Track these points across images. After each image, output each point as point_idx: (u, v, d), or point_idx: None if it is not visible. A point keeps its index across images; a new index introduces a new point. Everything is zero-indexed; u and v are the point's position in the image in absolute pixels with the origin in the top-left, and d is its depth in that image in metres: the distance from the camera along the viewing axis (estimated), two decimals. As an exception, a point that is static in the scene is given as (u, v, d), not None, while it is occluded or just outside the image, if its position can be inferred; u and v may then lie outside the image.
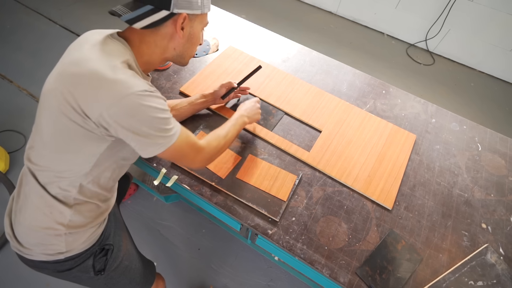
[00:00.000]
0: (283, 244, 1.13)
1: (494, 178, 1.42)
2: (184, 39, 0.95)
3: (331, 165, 1.34)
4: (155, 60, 0.96)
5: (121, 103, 0.77)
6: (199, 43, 1.02)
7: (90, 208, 0.96)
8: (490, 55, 3.36)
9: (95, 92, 0.77)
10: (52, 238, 0.92)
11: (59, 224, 0.91)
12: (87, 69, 0.79)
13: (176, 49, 0.96)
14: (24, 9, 3.30)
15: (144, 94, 0.80)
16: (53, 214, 0.90)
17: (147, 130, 0.81)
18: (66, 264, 0.97)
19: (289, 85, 1.61)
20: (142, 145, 0.84)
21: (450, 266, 1.15)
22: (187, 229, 2.06)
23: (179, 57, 1.00)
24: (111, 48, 0.85)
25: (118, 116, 0.78)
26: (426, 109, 1.66)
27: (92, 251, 1.01)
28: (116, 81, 0.77)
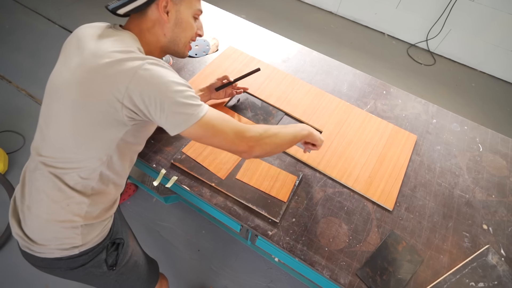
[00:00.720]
0: (283, 245, 1.13)
1: (495, 179, 1.42)
2: (171, 24, 0.95)
3: (331, 166, 1.35)
4: (154, 50, 0.98)
5: (137, 76, 0.79)
6: (192, 30, 1.01)
7: (104, 200, 0.97)
8: (492, 55, 3.37)
9: (118, 75, 0.79)
10: (68, 231, 0.93)
11: (76, 216, 0.92)
12: (106, 59, 0.81)
13: (166, 35, 0.96)
14: (23, 9, 3.31)
15: (155, 64, 0.82)
16: (70, 206, 0.91)
17: (169, 97, 0.80)
18: (80, 259, 0.97)
19: (289, 85, 1.62)
20: (167, 118, 0.83)
21: (451, 267, 1.15)
22: (186, 230, 2.06)
23: (172, 44, 0.99)
24: (123, 37, 0.88)
25: (138, 90, 0.79)
26: (427, 109, 1.66)
27: (104, 245, 1.02)
28: (131, 58, 0.80)
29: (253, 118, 1.46)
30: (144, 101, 0.80)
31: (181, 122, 0.83)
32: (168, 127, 0.85)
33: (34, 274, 1.75)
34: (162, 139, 1.33)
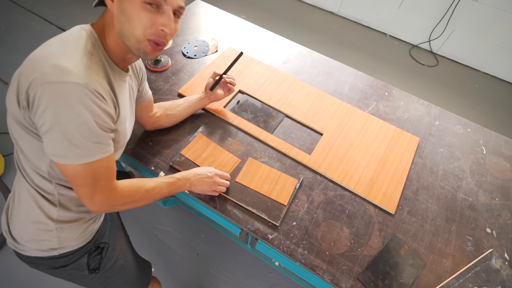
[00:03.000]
0: (283, 249, 1.13)
1: (499, 181, 1.43)
2: (116, 11, 0.80)
3: (332, 168, 1.35)
4: (118, 46, 0.86)
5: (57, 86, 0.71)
6: (141, 22, 0.80)
7: (77, 203, 0.95)
8: (495, 56, 3.37)
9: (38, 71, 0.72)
10: (44, 234, 0.93)
11: (48, 219, 0.92)
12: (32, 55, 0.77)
13: (116, 26, 0.82)
14: (19, 9, 3.32)
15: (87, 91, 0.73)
16: (41, 207, 0.91)
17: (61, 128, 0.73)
18: (60, 260, 0.98)
19: (290, 87, 1.62)
20: (49, 142, 0.76)
21: (454, 271, 1.15)
22: (185, 233, 2.06)
23: (124, 39, 0.83)
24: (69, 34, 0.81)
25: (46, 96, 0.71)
26: (430, 111, 1.66)
27: (87, 249, 1.02)
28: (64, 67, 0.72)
29: (253, 120, 1.47)
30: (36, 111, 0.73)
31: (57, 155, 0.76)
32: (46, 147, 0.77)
33: (31, 277, 1.76)
34: (160, 141, 1.33)
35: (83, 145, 0.76)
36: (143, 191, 0.98)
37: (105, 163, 0.83)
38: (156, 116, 1.28)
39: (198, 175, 1.14)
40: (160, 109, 1.30)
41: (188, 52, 1.70)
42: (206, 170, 1.18)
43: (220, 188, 1.19)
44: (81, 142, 0.75)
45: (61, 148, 0.75)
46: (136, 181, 0.98)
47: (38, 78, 0.71)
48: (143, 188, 0.98)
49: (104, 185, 0.85)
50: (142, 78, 1.13)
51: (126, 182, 0.94)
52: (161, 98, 1.47)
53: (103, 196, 0.86)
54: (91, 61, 0.79)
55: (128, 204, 0.95)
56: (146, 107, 1.22)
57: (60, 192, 0.91)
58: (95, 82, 0.76)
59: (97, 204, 0.86)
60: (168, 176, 1.09)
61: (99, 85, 0.77)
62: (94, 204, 0.86)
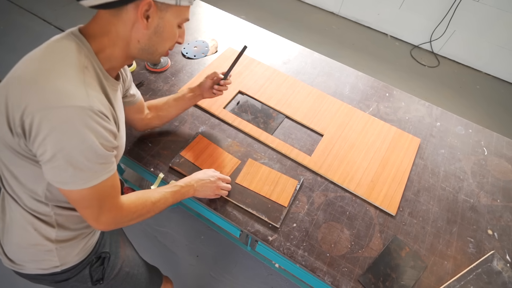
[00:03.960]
0: (283, 251, 1.13)
1: (501, 183, 1.43)
2: (149, 31, 0.80)
3: (333, 169, 1.35)
4: (119, 55, 0.83)
5: (56, 111, 0.67)
6: (174, 40, 0.87)
7: (75, 221, 0.93)
8: (497, 56, 3.38)
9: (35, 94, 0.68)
10: (44, 254, 0.91)
11: (46, 240, 0.90)
12: (19, 72, 0.72)
13: (141, 41, 0.81)
14: (18, 9, 3.32)
15: (87, 114, 0.69)
16: (38, 230, 0.88)
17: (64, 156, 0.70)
18: (62, 276, 0.97)
19: (290, 87, 1.62)
20: (50, 170, 0.73)
21: (455, 273, 1.15)
22: (185, 235, 2.06)
23: (145, 52, 0.84)
24: (58, 46, 0.75)
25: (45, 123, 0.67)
26: (431, 112, 1.66)
27: (88, 261, 1.01)
28: (60, 89, 0.68)
29: (253, 121, 1.47)
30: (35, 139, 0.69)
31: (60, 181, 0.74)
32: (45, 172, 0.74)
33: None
34: (160, 142, 1.34)
35: (88, 168, 0.73)
36: (149, 204, 0.97)
37: (110, 182, 0.80)
38: (148, 118, 1.25)
39: (201, 180, 1.14)
40: (152, 110, 1.26)
41: (188, 52, 1.71)
42: (208, 174, 1.17)
43: (222, 192, 1.19)
44: (86, 166, 0.73)
45: (66, 175, 0.72)
46: (141, 194, 0.97)
47: (34, 103, 0.67)
48: (149, 201, 0.97)
49: (110, 204, 0.84)
50: (129, 81, 1.09)
51: (131, 197, 0.93)
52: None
53: (110, 216, 0.85)
54: (87, 75, 0.74)
55: (135, 219, 0.93)
56: (137, 110, 1.19)
57: (57, 212, 0.88)
58: (97, 100, 0.73)
59: (104, 223, 0.85)
60: (171, 185, 1.08)
61: (101, 103, 0.74)
62: (101, 224, 0.84)
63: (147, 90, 1.50)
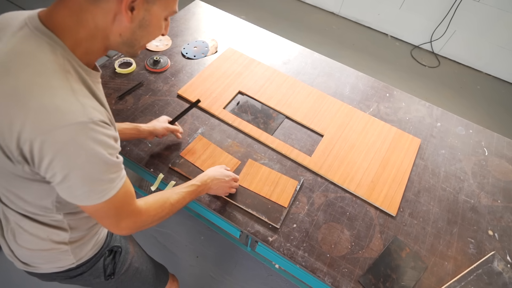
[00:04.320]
0: (284, 252, 1.13)
1: (501, 183, 1.43)
2: (133, 24, 0.71)
3: (333, 170, 1.35)
4: (98, 49, 0.74)
5: (53, 134, 0.62)
6: (159, 33, 0.79)
7: (86, 221, 0.93)
8: (497, 57, 3.38)
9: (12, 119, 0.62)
10: (59, 255, 0.92)
11: (60, 244, 0.90)
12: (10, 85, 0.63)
13: (123, 35, 0.72)
14: (16, 9, 3.32)
15: (86, 127, 0.64)
16: (51, 237, 0.88)
17: (76, 175, 0.66)
18: (78, 270, 0.98)
19: (290, 88, 1.63)
20: (65, 190, 0.70)
21: (456, 274, 1.15)
22: (185, 236, 2.06)
23: (125, 46, 0.76)
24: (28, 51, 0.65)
25: (46, 148, 0.62)
26: (431, 112, 1.67)
27: (102, 253, 1.02)
28: (52, 108, 0.62)
29: (253, 121, 1.47)
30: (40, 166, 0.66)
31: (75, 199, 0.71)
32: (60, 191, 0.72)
33: (25, 277, 1.75)
34: (159, 143, 1.34)
35: (103, 181, 0.70)
36: (168, 206, 0.95)
37: (124, 189, 0.76)
38: None
39: (216, 179, 1.14)
40: None
41: (188, 53, 1.71)
42: (224, 173, 1.17)
43: (232, 191, 1.22)
44: (101, 179, 0.70)
45: (82, 191, 0.69)
46: (160, 196, 0.94)
47: (27, 128, 0.61)
48: (167, 202, 0.95)
49: (128, 210, 0.81)
50: None
51: (149, 200, 0.90)
52: (160, 99, 1.48)
53: (130, 221, 0.82)
54: (72, 81, 0.66)
55: (156, 221, 0.91)
56: None
57: (69, 218, 0.87)
58: (92, 109, 0.66)
59: (125, 229, 0.83)
60: (187, 185, 1.07)
61: (97, 110, 0.67)
62: (123, 230, 0.83)
63: (146, 91, 1.50)
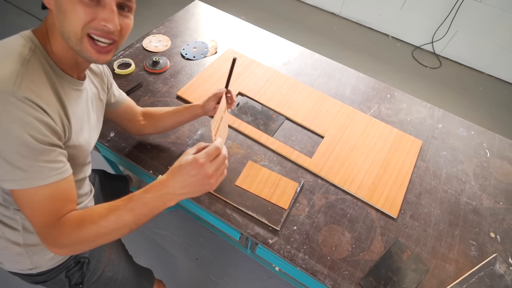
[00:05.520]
0: (284, 254, 1.13)
1: (503, 185, 1.43)
2: (55, 9, 0.71)
3: (334, 172, 1.35)
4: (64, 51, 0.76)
5: None
6: (77, 16, 0.69)
7: None
8: (499, 57, 3.38)
9: None
10: (16, 257, 0.92)
11: (14, 244, 0.89)
12: None
13: (57, 26, 0.72)
14: (15, 10, 3.33)
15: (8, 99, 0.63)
16: (5, 234, 0.88)
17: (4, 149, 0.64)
18: (39, 278, 0.98)
19: (290, 89, 1.63)
20: None
21: (458, 276, 1.15)
22: (184, 238, 2.07)
23: (63, 38, 0.73)
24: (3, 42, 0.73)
25: None
26: (433, 114, 1.67)
27: (65, 266, 1.00)
28: None
29: (253, 122, 1.47)
30: None
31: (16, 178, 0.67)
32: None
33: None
34: (159, 144, 1.34)
35: (28, 165, 0.66)
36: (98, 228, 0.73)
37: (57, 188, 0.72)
38: (141, 124, 1.22)
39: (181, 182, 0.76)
40: (147, 118, 1.22)
41: (187, 53, 1.71)
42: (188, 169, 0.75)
43: (217, 180, 0.79)
44: (25, 163, 0.66)
45: (4, 171, 0.66)
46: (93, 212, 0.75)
47: None
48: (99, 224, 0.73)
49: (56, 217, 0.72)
50: (109, 82, 1.04)
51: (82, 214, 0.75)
52: (159, 100, 1.48)
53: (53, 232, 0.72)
54: (27, 68, 0.68)
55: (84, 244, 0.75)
56: (123, 113, 1.14)
57: (22, 216, 0.84)
58: (28, 89, 0.66)
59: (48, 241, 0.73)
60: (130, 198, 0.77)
61: (34, 94, 0.66)
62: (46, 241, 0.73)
63: (146, 92, 1.51)
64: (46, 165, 0.69)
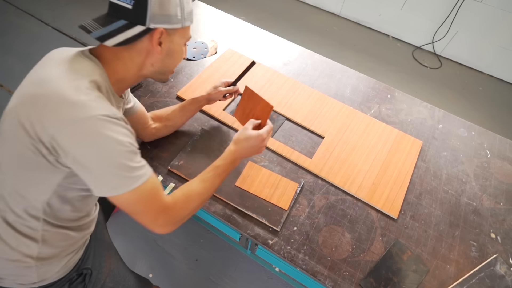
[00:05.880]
0: (284, 255, 1.13)
1: (504, 186, 1.43)
2: (162, 55, 0.90)
3: (334, 172, 1.35)
4: (130, 78, 0.91)
5: (76, 126, 0.71)
6: (182, 57, 0.98)
7: (61, 238, 0.91)
8: (500, 58, 3.38)
9: (50, 112, 0.72)
10: (23, 270, 0.89)
11: (27, 257, 0.88)
12: (47, 90, 0.75)
13: (154, 65, 0.91)
14: (14, 10, 3.33)
15: (106, 120, 0.73)
16: (20, 247, 0.86)
17: (102, 163, 0.74)
18: None
19: (291, 89, 1.63)
20: (94, 181, 0.76)
21: (458, 277, 1.15)
22: (184, 239, 2.06)
23: (158, 74, 0.95)
24: (79, 66, 0.81)
25: (70, 141, 0.72)
26: (433, 114, 1.67)
27: (68, 278, 0.98)
28: (75, 102, 0.72)
29: (253, 123, 1.47)
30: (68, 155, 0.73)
31: (102, 189, 0.77)
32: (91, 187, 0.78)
33: None
34: (158, 145, 1.34)
35: (127, 170, 0.76)
36: (196, 197, 0.94)
37: (152, 183, 0.82)
38: (153, 128, 1.27)
39: (248, 148, 1.06)
40: (157, 121, 1.28)
41: (187, 53, 1.71)
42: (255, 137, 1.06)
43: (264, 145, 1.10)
44: (125, 169, 0.75)
45: (108, 180, 0.76)
46: (186, 190, 0.94)
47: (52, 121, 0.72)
48: (194, 194, 0.94)
49: (159, 205, 0.84)
50: (127, 91, 1.11)
51: (177, 194, 0.91)
52: (159, 100, 1.48)
53: (164, 217, 0.85)
54: (101, 92, 0.80)
55: (189, 214, 0.93)
56: (137, 120, 1.19)
57: (45, 228, 0.87)
58: (110, 107, 0.77)
59: (163, 225, 0.86)
60: (213, 167, 1.02)
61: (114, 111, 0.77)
62: (161, 227, 0.86)
63: (145, 92, 1.51)
64: (139, 164, 0.79)
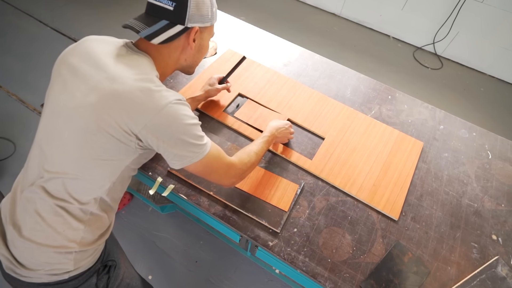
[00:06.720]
0: (284, 257, 1.13)
1: (505, 187, 1.43)
2: (194, 51, 1.04)
3: (334, 173, 1.36)
4: (167, 71, 1.04)
5: (161, 114, 0.84)
6: (207, 52, 1.12)
7: (100, 224, 0.98)
8: (501, 58, 3.39)
9: (139, 106, 0.84)
10: (61, 256, 0.91)
11: (71, 242, 0.91)
12: (126, 87, 0.85)
13: (187, 60, 1.05)
14: (13, 10, 3.33)
15: (179, 103, 0.87)
16: (66, 231, 0.91)
17: (183, 138, 0.88)
18: (68, 284, 0.96)
19: (291, 90, 1.63)
20: (176, 155, 0.90)
21: (459, 279, 1.15)
22: (184, 240, 2.07)
23: (188, 67, 1.09)
24: (141, 63, 0.93)
25: (158, 127, 0.85)
26: (434, 115, 1.67)
27: (95, 269, 1.00)
28: (156, 95, 0.85)
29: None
30: (158, 139, 0.87)
31: (186, 160, 0.91)
32: (172, 162, 0.93)
33: None
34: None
35: (199, 140, 0.92)
36: (253, 154, 1.13)
37: (215, 146, 0.99)
38: None
39: (279, 128, 1.33)
40: None
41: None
42: (283, 123, 1.36)
43: (291, 137, 1.41)
44: (197, 139, 0.91)
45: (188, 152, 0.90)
46: (246, 149, 1.14)
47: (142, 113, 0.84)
48: (252, 151, 1.14)
49: (226, 162, 1.02)
50: None
51: (239, 153, 1.11)
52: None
53: (233, 170, 1.04)
54: None
55: (249, 168, 1.11)
56: None
57: (93, 211, 0.95)
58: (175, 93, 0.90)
59: (234, 177, 1.05)
60: (262, 136, 1.25)
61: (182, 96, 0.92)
62: (231, 179, 1.05)
63: (145, 93, 1.51)
64: (204, 134, 0.95)
